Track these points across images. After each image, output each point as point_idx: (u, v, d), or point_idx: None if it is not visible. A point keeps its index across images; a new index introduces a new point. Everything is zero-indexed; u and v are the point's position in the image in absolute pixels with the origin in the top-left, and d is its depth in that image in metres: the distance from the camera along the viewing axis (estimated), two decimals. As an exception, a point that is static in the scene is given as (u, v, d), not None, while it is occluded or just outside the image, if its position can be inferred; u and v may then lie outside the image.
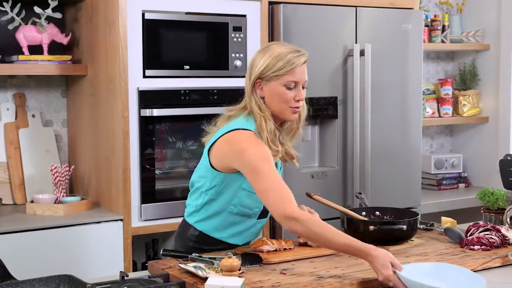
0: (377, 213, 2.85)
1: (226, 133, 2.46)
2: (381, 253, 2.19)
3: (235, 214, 2.52)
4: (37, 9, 3.58)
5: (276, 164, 2.48)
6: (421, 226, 2.90)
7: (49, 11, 3.60)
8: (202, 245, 2.57)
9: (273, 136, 2.47)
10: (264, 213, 2.58)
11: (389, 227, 2.61)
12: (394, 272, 2.14)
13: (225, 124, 2.53)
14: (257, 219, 2.59)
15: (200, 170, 2.59)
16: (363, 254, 2.22)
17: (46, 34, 3.62)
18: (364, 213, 2.83)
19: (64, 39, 3.69)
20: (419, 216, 2.72)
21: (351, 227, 2.68)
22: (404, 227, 2.60)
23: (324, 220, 2.88)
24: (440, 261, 2.41)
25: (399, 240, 2.64)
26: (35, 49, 3.63)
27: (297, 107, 2.49)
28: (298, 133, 2.62)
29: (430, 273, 2.19)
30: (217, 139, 2.49)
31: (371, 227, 2.59)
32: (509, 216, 2.87)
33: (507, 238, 2.64)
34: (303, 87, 2.50)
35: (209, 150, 2.52)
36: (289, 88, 2.45)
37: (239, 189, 2.49)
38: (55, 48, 3.70)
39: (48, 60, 3.59)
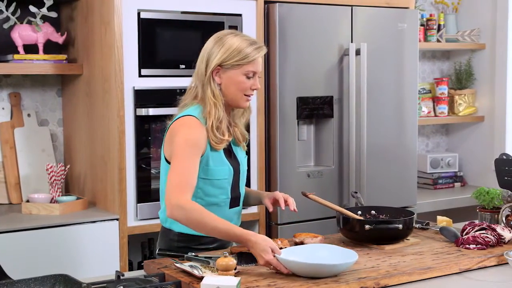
0: (373, 212, 2.85)
1: (172, 123, 2.54)
2: (260, 239, 2.27)
3: (205, 206, 2.43)
4: (32, 8, 3.57)
5: (235, 149, 2.62)
6: (417, 225, 2.90)
7: (44, 10, 3.59)
8: (187, 243, 2.57)
9: (219, 123, 2.51)
10: (235, 201, 2.62)
11: (384, 226, 2.61)
12: (274, 256, 2.25)
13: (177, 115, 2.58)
14: (229, 208, 2.60)
15: (161, 170, 2.63)
16: (243, 240, 2.30)
17: (41, 33, 3.61)
18: (359, 212, 2.83)
19: (59, 38, 3.68)
20: (414, 215, 2.72)
21: (347, 226, 2.68)
22: (400, 226, 2.60)
23: (318, 220, 2.89)
24: (435, 260, 2.42)
25: (395, 239, 2.64)
26: (31, 48, 3.62)
27: (250, 95, 2.57)
28: (248, 118, 2.69)
29: (305, 253, 2.33)
30: (166, 131, 2.57)
31: (367, 226, 2.59)
32: (505, 215, 2.88)
33: (502, 237, 2.64)
34: (259, 76, 2.59)
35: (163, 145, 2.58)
36: (248, 77, 2.53)
37: (198, 180, 2.47)
38: (50, 47, 3.69)
39: (44, 60, 3.58)
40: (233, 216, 2.63)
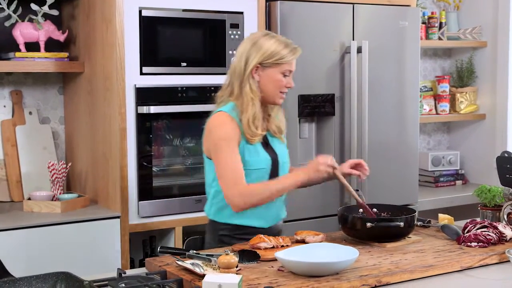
0: (374, 210, 2.85)
1: (208, 121, 2.73)
2: (312, 165, 2.62)
3: None
4: (34, 6, 3.57)
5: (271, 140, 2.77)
6: (418, 223, 2.90)
7: (45, 8, 3.59)
8: (231, 231, 2.71)
9: (254, 119, 2.66)
10: None
11: (386, 224, 2.61)
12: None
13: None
14: None
15: (204, 167, 2.79)
16: (299, 178, 2.62)
17: (43, 31, 3.61)
18: (361, 210, 2.83)
19: (61, 36, 3.68)
20: (416, 213, 2.72)
21: (348, 224, 2.68)
22: (401, 224, 2.60)
23: (320, 218, 2.88)
24: (437, 258, 2.42)
25: (396, 237, 2.64)
26: (32, 46, 3.62)
27: (285, 93, 2.73)
28: (280, 109, 2.85)
29: (306, 252, 2.34)
30: (204, 128, 2.74)
31: (368, 224, 2.59)
32: (506, 213, 2.87)
33: (504, 235, 2.64)
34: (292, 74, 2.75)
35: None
36: (284, 76, 2.70)
37: None
38: (52, 45, 3.69)
39: (45, 57, 3.58)
40: (275, 205, 2.74)
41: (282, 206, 2.83)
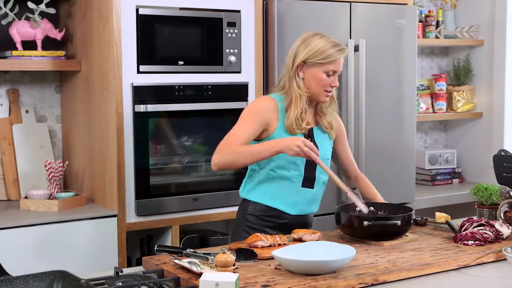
0: (372, 208, 2.85)
1: None
2: (287, 138, 2.67)
3: (277, 179, 2.80)
4: (30, 5, 3.57)
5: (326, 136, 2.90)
6: (419, 218, 2.91)
7: (42, 7, 3.59)
8: (258, 211, 2.83)
9: (302, 112, 2.78)
10: (308, 181, 2.85)
11: (383, 223, 2.62)
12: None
13: None
14: (302, 186, 2.83)
15: None
16: (272, 149, 2.66)
17: (39, 29, 3.61)
18: (358, 208, 2.83)
19: (58, 35, 3.68)
20: (413, 212, 2.72)
21: (345, 222, 2.68)
22: (398, 222, 2.60)
23: (317, 216, 2.89)
24: (434, 256, 2.42)
25: (393, 235, 2.65)
26: (29, 45, 3.62)
27: (330, 91, 2.82)
28: (335, 109, 2.96)
29: (303, 250, 2.34)
30: None
31: (366, 223, 2.59)
32: (503, 211, 2.88)
33: (501, 233, 2.64)
34: (338, 75, 2.84)
35: None
36: (328, 75, 2.79)
37: None
38: (49, 43, 3.69)
39: (42, 56, 3.58)
40: (307, 196, 2.85)
41: (316, 200, 2.91)
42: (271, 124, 2.78)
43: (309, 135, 2.84)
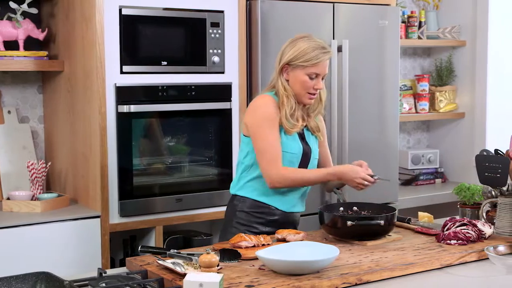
0: (355, 208, 2.87)
1: (252, 102, 2.90)
2: (349, 168, 2.81)
3: None
4: (12, 4, 3.54)
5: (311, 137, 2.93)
6: (406, 220, 2.92)
7: (24, 6, 3.57)
8: (249, 208, 2.85)
9: (292, 112, 2.81)
10: None
11: (366, 223, 2.63)
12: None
13: None
14: None
15: (240, 147, 2.96)
16: (328, 177, 2.81)
17: (21, 29, 3.59)
18: (341, 208, 2.85)
19: (40, 35, 3.66)
20: (396, 212, 2.73)
21: (329, 222, 2.69)
22: (382, 222, 2.61)
23: (300, 216, 2.89)
24: (417, 256, 2.43)
25: (377, 235, 2.66)
26: (11, 45, 3.60)
27: (313, 94, 2.84)
28: (321, 112, 2.98)
29: (287, 251, 2.34)
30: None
31: (349, 223, 2.60)
32: (485, 211, 2.90)
33: (483, 233, 2.66)
34: (323, 78, 2.85)
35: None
36: (311, 78, 2.80)
37: None
38: (31, 43, 3.67)
39: (24, 56, 3.56)
40: (298, 193, 2.89)
41: (303, 199, 2.95)
42: (279, 123, 2.83)
43: (302, 135, 2.87)
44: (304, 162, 2.86)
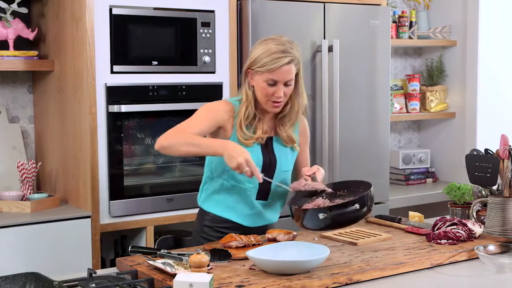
0: (330, 190, 2.61)
1: None
2: (236, 146, 2.46)
3: (231, 190, 2.65)
4: (2, 4, 3.53)
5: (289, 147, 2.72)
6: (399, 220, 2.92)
7: (14, 6, 3.56)
8: (213, 223, 2.71)
9: (248, 122, 2.62)
10: (262, 194, 2.70)
11: (340, 212, 2.38)
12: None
13: None
14: (256, 199, 2.69)
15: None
16: (217, 152, 2.48)
17: (11, 29, 3.57)
18: (315, 197, 2.61)
19: (30, 34, 3.65)
20: (371, 187, 2.51)
21: (300, 218, 2.48)
22: (357, 205, 2.40)
23: (291, 216, 2.84)
24: (407, 255, 2.44)
25: (356, 220, 2.45)
26: (0, 45, 3.58)
27: (276, 102, 2.60)
28: (298, 121, 2.74)
29: (277, 251, 2.32)
30: None
31: (321, 215, 2.38)
32: (475, 210, 2.91)
33: (473, 232, 2.67)
34: (287, 84, 2.60)
35: None
36: (269, 85, 2.57)
37: (225, 163, 2.55)
38: (21, 43, 3.65)
39: (14, 56, 3.54)
40: (261, 208, 2.71)
41: (273, 211, 2.77)
42: (226, 128, 2.63)
43: (266, 144, 2.68)
44: (267, 175, 2.59)
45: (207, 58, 3.66)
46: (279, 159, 2.69)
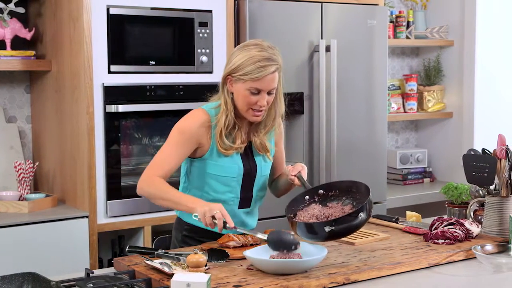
0: (321, 192, 2.57)
1: None
2: (206, 206, 2.33)
3: (212, 202, 2.46)
4: (-1, 4, 3.53)
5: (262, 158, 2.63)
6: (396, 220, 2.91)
7: (11, 6, 3.55)
8: (193, 233, 2.63)
9: (227, 132, 2.52)
10: (245, 202, 2.62)
11: (347, 225, 2.33)
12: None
13: None
14: (238, 208, 2.61)
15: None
16: (189, 207, 2.38)
17: (8, 29, 3.57)
18: (307, 197, 2.56)
19: (27, 34, 3.64)
20: (370, 193, 2.47)
21: (305, 232, 2.37)
22: (363, 214, 2.35)
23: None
24: (405, 255, 2.44)
25: (360, 227, 2.39)
26: (-2, 44, 3.59)
27: (258, 111, 2.51)
28: (274, 128, 2.65)
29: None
30: None
31: (327, 228, 2.31)
32: (473, 210, 2.91)
33: (470, 232, 2.67)
34: (269, 93, 2.51)
35: None
36: (252, 93, 2.47)
37: (205, 174, 2.54)
38: (18, 43, 3.65)
39: (11, 56, 3.54)
40: (244, 217, 2.64)
41: (252, 216, 2.69)
42: (204, 143, 2.52)
43: (246, 151, 2.58)
44: (248, 182, 2.57)
45: (204, 58, 3.66)
46: (259, 165, 2.62)
